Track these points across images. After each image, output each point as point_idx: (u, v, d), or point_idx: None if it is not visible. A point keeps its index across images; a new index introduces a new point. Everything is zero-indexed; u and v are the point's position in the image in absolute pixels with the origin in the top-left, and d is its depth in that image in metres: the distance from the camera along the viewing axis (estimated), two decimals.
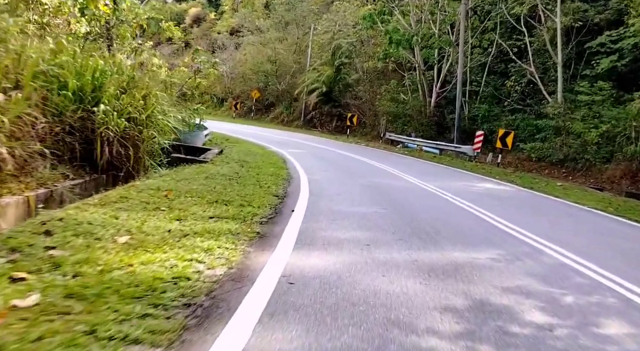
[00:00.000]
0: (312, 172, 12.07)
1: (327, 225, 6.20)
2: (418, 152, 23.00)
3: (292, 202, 7.60)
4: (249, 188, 8.18)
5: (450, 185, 12.08)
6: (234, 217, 5.88)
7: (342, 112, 32.68)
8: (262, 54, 39.59)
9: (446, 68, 26.57)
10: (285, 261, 4.38)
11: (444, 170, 16.54)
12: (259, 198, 7.37)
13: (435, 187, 11.04)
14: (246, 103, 39.48)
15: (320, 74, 32.86)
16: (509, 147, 19.72)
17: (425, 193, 10.26)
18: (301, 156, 16.40)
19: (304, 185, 9.61)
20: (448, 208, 8.62)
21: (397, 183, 11.37)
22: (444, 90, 27.56)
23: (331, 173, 12.33)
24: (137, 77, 10.10)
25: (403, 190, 10.36)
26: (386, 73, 31.91)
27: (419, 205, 8.58)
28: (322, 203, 7.77)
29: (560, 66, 21.70)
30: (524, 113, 24.61)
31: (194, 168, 9.81)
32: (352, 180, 11.19)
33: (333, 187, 9.87)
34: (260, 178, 9.65)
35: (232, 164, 11.11)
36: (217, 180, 8.52)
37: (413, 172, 14.24)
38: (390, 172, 13.69)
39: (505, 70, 26.58)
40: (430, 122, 27.23)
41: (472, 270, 4.69)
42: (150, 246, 4.20)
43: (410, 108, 27.73)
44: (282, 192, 8.51)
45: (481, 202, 9.59)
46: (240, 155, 13.83)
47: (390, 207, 7.95)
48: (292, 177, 10.65)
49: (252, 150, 16.42)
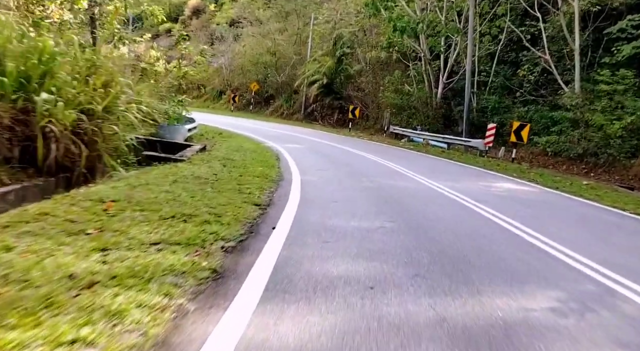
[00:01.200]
0: (307, 171, 10.41)
1: (317, 251, 4.54)
2: (424, 147, 21.27)
3: (276, 214, 5.94)
4: (225, 196, 6.52)
5: (466, 185, 10.39)
6: (188, 242, 4.23)
7: (344, 104, 30.91)
8: (262, 45, 37.81)
9: (453, 57, 24.73)
10: (240, 331, 2.72)
11: (455, 167, 14.83)
12: (233, 210, 5.71)
13: (450, 189, 9.35)
14: (245, 96, 37.74)
15: (321, 65, 31.05)
16: (525, 141, 17.96)
17: (439, 197, 8.57)
18: (298, 152, 14.73)
19: (295, 188, 7.95)
20: (471, 219, 6.93)
21: (405, 185, 9.68)
22: (451, 80, 25.75)
23: (329, 172, 10.65)
24: (100, 61, 8.42)
25: (413, 194, 8.68)
26: (390, 63, 30.07)
27: (434, 215, 6.90)
28: (315, 214, 6.11)
29: (578, 53, 19.85)
30: (537, 104, 22.81)
31: (165, 169, 8.15)
32: (353, 181, 9.51)
33: (330, 190, 8.19)
34: (242, 180, 7.99)
35: (214, 163, 9.45)
36: (186, 185, 6.86)
37: (421, 169, 12.55)
38: (396, 170, 12.01)
39: (515, 59, 24.72)
40: (437, 115, 25.45)
41: (531, 338, 3.02)
42: (16, 313, 2.55)
43: (415, 100, 25.94)
44: (267, 199, 6.85)
45: (508, 209, 7.90)
46: (228, 152, 12.18)
47: (399, 219, 6.28)
48: (283, 179, 8.99)
49: (243, 145, 14.76)
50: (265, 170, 9.68)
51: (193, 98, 41.54)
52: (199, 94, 41.29)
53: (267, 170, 9.61)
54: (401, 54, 27.78)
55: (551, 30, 21.74)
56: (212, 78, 41.31)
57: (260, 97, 36.99)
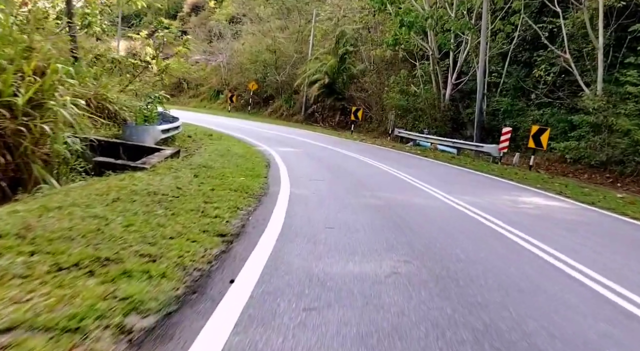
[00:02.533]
0: (300, 182, 8.61)
1: (289, 333, 2.74)
2: (432, 152, 19.44)
3: (244, 252, 4.15)
4: (179, 222, 4.73)
5: (490, 201, 8.58)
6: (67, 326, 2.44)
7: (346, 105, 29.09)
8: (262, 43, 36.03)
9: (463, 56, 22.90)
10: None
11: (470, 177, 13.00)
12: (180, 247, 3.93)
13: (473, 207, 7.54)
14: (243, 96, 35.93)
15: (323, 64, 29.23)
16: (544, 147, 16.11)
17: (463, 220, 6.76)
18: (293, 157, 12.95)
19: (280, 208, 6.16)
20: (513, 256, 5.11)
21: (418, 201, 7.86)
22: (460, 81, 23.94)
23: (327, 183, 8.85)
24: (35, 41, 6.64)
25: (429, 215, 6.86)
26: (395, 63, 28.28)
27: (463, 252, 5.07)
28: (299, 252, 4.31)
29: (601, 52, 18.01)
30: (554, 107, 20.98)
31: (113, 181, 6.36)
32: (355, 197, 7.70)
33: (325, 211, 6.38)
34: (214, 196, 6.20)
35: (184, 172, 7.65)
36: (129, 206, 5.07)
37: (433, 179, 10.75)
38: (405, 181, 10.20)
39: (529, 59, 22.87)
40: (445, 117, 23.63)
41: None
42: None
43: (422, 102, 24.13)
44: (238, 225, 5.06)
45: (552, 236, 6.09)
46: (210, 157, 10.40)
47: (417, 259, 4.47)
48: (268, 193, 7.20)
49: (232, 149, 12.98)
50: (248, 180, 7.89)
51: (190, 98, 39.84)
52: (195, 93, 39.56)
53: (250, 181, 7.82)
54: (407, 53, 25.98)
55: (571, 26, 19.89)
56: (210, 77, 39.58)
57: (259, 97, 35.20)
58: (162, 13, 50.00)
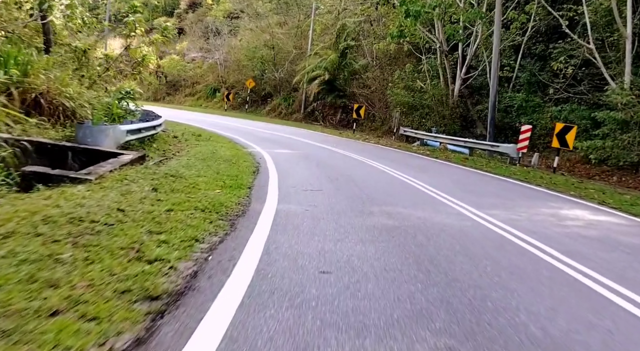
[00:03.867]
0: (291, 194, 6.87)
1: None
2: (443, 152, 17.64)
3: (176, 342, 2.40)
4: (87, 274, 2.99)
5: (528, 216, 6.81)
6: None
7: (348, 103, 27.29)
8: (260, 39, 34.24)
9: (474, 48, 21.07)
10: None
11: (494, 182, 11.22)
12: (57, 338, 2.18)
13: (513, 227, 5.79)
14: (240, 94, 34.13)
15: (323, 59, 27.41)
16: (570, 147, 14.29)
17: (507, 249, 5.00)
18: (288, 160, 11.22)
19: (258, 237, 4.42)
20: (612, 326, 3.37)
21: (441, 220, 6.09)
22: (469, 76, 22.13)
23: (325, 196, 7.09)
24: None
25: (462, 244, 5.08)
26: (399, 57, 26.46)
27: (528, 313, 3.32)
28: (269, 339, 2.56)
29: (629, 41, 16.18)
30: (573, 102, 19.18)
31: (35, 199, 4.61)
32: (360, 215, 5.94)
33: (320, 240, 4.62)
34: (166, 222, 4.45)
35: (139, 185, 5.90)
36: (21, 247, 3.32)
37: (453, 187, 9.00)
38: (419, 189, 8.44)
39: (544, 51, 21.06)
40: (454, 115, 21.82)
41: None
42: None
43: (429, 98, 22.33)
44: (188, 273, 3.32)
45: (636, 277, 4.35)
46: (188, 163, 8.67)
47: (468, 342, 2.72)
48: (247, 212, 5.46)
49: (218, 152, 11.26)
50: (225, 194, 6.15)
51: (185, 97, 38.11)
52: (191, 92, 37.82)
53: (227, 195, 6.08)
54: (413, 46, 24.15)
55: (594, 14, 18.05)
56: (206, 75, 37.83)
57: (257, 95, 33.41)
58: (159, 10, 48.34)
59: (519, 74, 21.61)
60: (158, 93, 39.37)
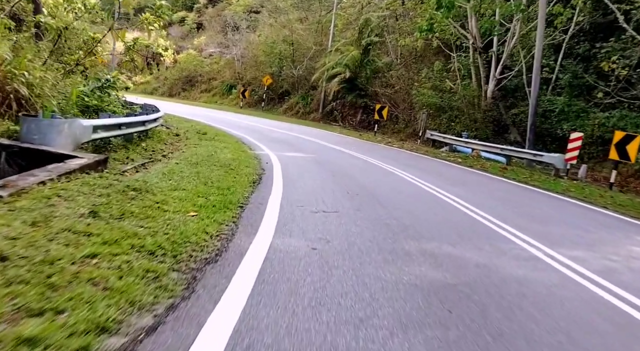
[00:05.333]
0: (296, 218, 4.97)
1: None
2: (477, 160, 15.54)
3: None
4: None
5: (627, 263, 4.80)
6: None
7: (369, 103, 25.26)
8: (279, 35, 32.44)
9: (511, 46, 18.86)
10: None
11: (552, 202, 9.12)
12: None
13: (620, 286, 3.82)
14: (257, 91, 32.35)
15: (344, 56, 25.43)
16: (632, 159, 12.08)
17: (629, 329, 3.03)
18: (299, 167, 9.34)
19: (227, 315, 2.53)
20: None
21: (509, 270, 4.11)
22: (505, 76, 19.92)
23: (342, 222, 5.17)
24: None
25: (560, 326, 3.13)
26: (426, 55, 24.36)
27: None
28: None
29: None
30: (623, 108, 16.87)
31: None
32: (392, 260, 4.01)
33: (331, 320, 2.72)
34: (64, 287, 2.58)
35: (72, 206, 4.05)
36: None
37: (507, 210, 7.00)
38: (464, 213, 6.45)
39: (588, 51, 18.73)
40: (486, 118, 19.65)
41: None
42: None
43: (459, 100, 20.20)
44: None
45: None
46: (172, 169, 6.87)
47: None
48: (221, 256, 3.57)
49: (217, 154, 9.46)
50: (200, 220, 4.29)
51: (201, 93, 36.57)
52: (207, 88, 36.24)
53: (202, 222, 4.23)
54: (442, 43, 22.02)
55: None
56: (223, 71, 36.20)
57: (274, 93, 31.60)
58: (179, 5, 46.99)
59: (559, 75, 19.35)
60: (174, 89, 37.98)
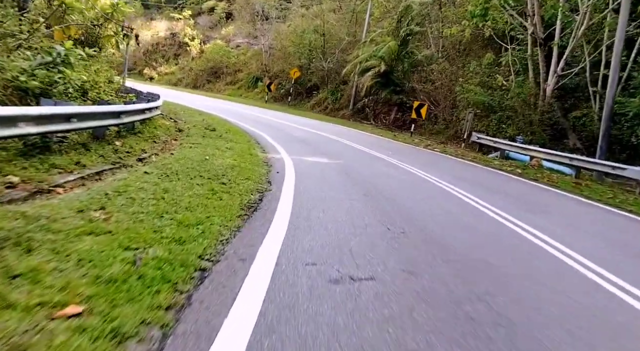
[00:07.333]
0: (301, 293, 2.59)
1: None
2: (538, 171, 12.79)
3: None
4: None
5: None
6: None
7: (406, 100, 22.61)
8: (310, 25, 30.07)
9: (579, 34, 15.90)
10: None
11: None
12: None
13: None
14: (284, 85, 30.12)
15: (379, 47, 22.85)
16: None
17: None
18: (319, 180, 6.96)
19: None
20: None
21: None
22: (566, 73, 16.97)
23: (376, 315, 2.79)
24: None
25: None
26: (472, 48, 21.54)
27: None
28: None
29: None
30: None
31: None
32: None
33: None
34: None
35: None
36: None
37: (620, 255, 4.47)
38: (568, 265, 3.97)
39: None
40: (544, 121, 16.79)
41: None
42: None
43: (512, 99, 17.38)
44: None
45: None
46: (119, 187, 4.62)
47: None
48: None
49: (214, 158, 7.23)
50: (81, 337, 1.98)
51: (226, 85, 34.64)
52: (233, 80, 34.26)
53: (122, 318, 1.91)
54: (495, 33, 19.16)
55: None
56: (250, 62, 34.14)
57: (302, 87, 29.27)
58: None
59: (632, 73, 16.29)
60: (198, 80, 36.25)
